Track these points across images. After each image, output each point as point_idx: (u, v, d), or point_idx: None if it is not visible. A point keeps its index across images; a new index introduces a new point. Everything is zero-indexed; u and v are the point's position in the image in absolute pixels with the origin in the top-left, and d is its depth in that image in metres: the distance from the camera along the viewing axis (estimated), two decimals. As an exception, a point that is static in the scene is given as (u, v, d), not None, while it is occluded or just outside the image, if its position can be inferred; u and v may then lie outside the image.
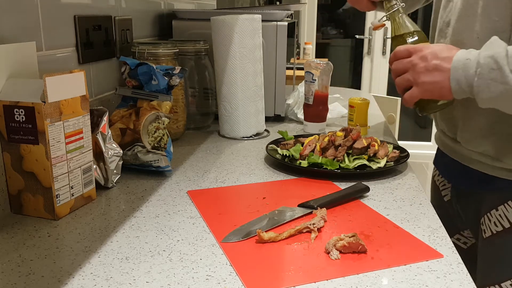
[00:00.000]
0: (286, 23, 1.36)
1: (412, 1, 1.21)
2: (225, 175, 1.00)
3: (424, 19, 3.79)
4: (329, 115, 1.40)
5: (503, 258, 0.96)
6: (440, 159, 1.13)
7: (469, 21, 0.91)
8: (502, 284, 0.94)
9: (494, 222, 0.95)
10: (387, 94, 3.95)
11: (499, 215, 0.95)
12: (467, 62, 0.82)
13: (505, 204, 0.93)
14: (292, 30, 1.49)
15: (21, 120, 0.75)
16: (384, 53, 4.19)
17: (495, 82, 0.77)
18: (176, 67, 1.07)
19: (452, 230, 1.10)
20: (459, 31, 0.93)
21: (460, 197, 1.06)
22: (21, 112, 0.75)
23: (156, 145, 0.99)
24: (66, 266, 0.64)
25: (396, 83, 0.93)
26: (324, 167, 0.99)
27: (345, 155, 1.03)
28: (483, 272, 1.00)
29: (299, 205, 0.83)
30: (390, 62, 0.95)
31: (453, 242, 0.75)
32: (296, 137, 1.16)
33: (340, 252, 0.67)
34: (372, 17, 4.16)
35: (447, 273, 0.63)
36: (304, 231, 0.74)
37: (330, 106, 1.45)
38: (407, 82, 0.90)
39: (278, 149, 1.11)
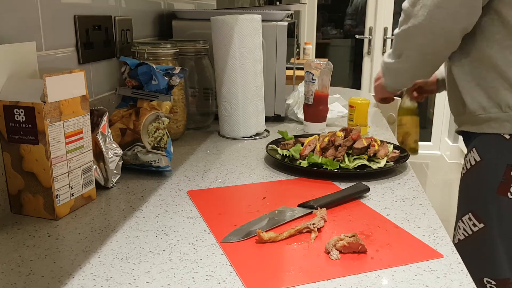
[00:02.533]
0: (286, 23, 1.36)
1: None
2: (225, 175, 1.00)
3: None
4: (329, 115, 1.40)
5: (464, 196, 1.21)
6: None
7: None
8: (463, 219, 1.17)
9: (466, 162, 1.19)
10: (387, 94, 3.94)
11: (467, 160, 1.18)
12: (381, 66, 1.34)
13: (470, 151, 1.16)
14: (292, 30, 1.49)
15: (21, 120, 0.75)
16: (384, 53, 4.20)
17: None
18: (176, 67, 1.07)
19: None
20: None
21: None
22: (21, 112, 0.75)
23: (156, 145, 0.99)
24: (66, 266, 0.64)
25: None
26: (324, 167, 0.99)
27: (345, 155, 1.03)
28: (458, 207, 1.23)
29: (299, 205, 0.83)
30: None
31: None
32: (296, 137, 1.16)
33: (340, 252, 0.67)
34: (372, 19, 4.17)
35: (447, 273, 0.63)
36: (304, 231, 0.74)
37: (330, 106, 1.45)
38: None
39: (278, 149, 1.11)
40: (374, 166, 1.01)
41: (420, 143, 1.41)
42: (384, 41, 4.19)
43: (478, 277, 1.11)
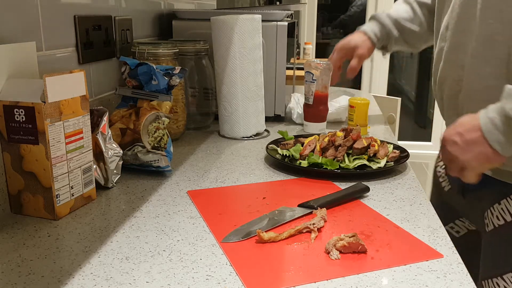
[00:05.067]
0: (286, 23, 1.36)
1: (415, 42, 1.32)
2: (225, 175, 1.00)
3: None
4: (337, 105, 1.38)
5: (505, 251, 0.96)
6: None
7: (467, 24, 0.93)
8: (504, 277, 0.94)
9: (497, 216, 0.96)
10: (387, 94, 3.95)
11: (501, 209, 0.95)
12: (494, 120, 0.82)
13: (507, 198, 0.94)
14: (292, 30, 1.49)
15: (21, 120, 0.75)
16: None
17: None
18: (176, 67, 1.07)
19: (446, 219, 1.13)
20: (457, 34, 0.95)
21: (464, 191, 1.07)
22: (21, 112, 0.75)
23: (156, 145, 0.99)
24: (66, 266, 0.64)
25: (452, 174, 0.93)
26: (324, 167, 0.99)
27: (345, 155, 1.03)
28: (486, 264, 1.01)
29: (299, 205, 0.83)
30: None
31: (446, 230, 0.77)
32: (296, 137, 1.16)
33: (340, 252, 0.67)
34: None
35: (447, 273, 0.63)
36: (304, 231, 0.74)
37: (339, 99, 1.44)
38: (457, 169, 0.90)
39: (278, 149, 1.11)
40: (374, 166, 1.01)
41: (420, 143, 1.40)
42: (384, 41, 4.18)
43: None
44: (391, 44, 1.34)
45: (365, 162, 1.02)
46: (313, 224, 0.74)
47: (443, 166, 1.16)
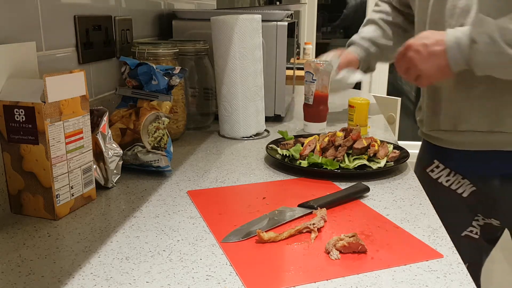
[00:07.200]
0: (286, 23, 1.36)
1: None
2: (225, 175, 1.00)
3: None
4: (340, 77, 1.37)
5: None
6: (446, 156, 1.18)
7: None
8: None
9: None
10: (387, 94, 3.95)
11: None
12: (459, 40, 0.94)
13: None
14: (292, 30, 1.49)
15: (21, 120, 0.75)
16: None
17: (491, 54, 0.91)
18: (176, 67, 1.07)
19: (464, 225, 1.19)
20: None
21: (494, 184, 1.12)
22: (21, 112, 0.75)
23: (156, 145, 0.99)
24: (66, 266, 0.64)
25: (405, 79, 1.08)
26: (324, 167, 0.99)
27: (345, 155, 1.03)
28: None
29: (299, 205, 0.83)
30: (395, 64, 1.09)
31: (466, 235, 0.79)
32: (296, 137, 1.16)
33: (340, 252, 0.67)
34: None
35: (447, 273, 0.63)
36: (304, 231, 0.74)
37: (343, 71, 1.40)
38: (413, 75, 1.04)
39: (278, 149, 1.11)
40: (374, 166, 1.01)
41: (420, 143, 1.40)
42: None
43: None
44: (374, 62, 1.42)
45: (365, 162, 1.02)
46: (313, 224, 0.74)
47: (452, 173, 1.21)
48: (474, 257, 1.21)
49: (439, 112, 1.16)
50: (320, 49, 4.45)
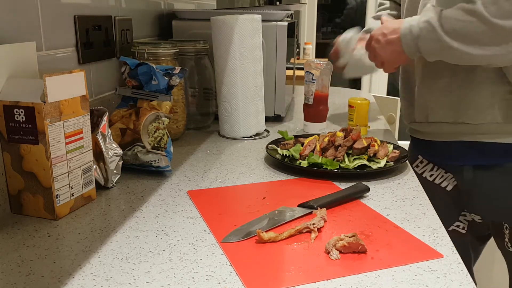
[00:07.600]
0: (286, 23, 1.36)
1: None
2: (225, 175, 1.00)
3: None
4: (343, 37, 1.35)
5: None
6: (425, 149, 1.23)
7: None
8: None
9: None
10: (387, 94, 3.95)
11: None
12: (411, 27, 1.02)
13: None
14: (292, 30, 1.49)
15: (21, 120, 0.75)
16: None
17: (433, 41, 0.99)
18: (176, 67, 1.07)
19: (450, 219, 1.22)
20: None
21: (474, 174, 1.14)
22: (21, 112, 0.75)
23: (156, 145, 0.99)
24: (66, 266, 0.64)
25: (376, 66, 1.20)
26: (324, 167, 0.99)
27: (345, 155, 1.03)
28: None
29: (299, 205, 0.83)
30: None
31: (453, 230, 0.80)
32: (296, 137, 1.16)
33: (340, 252, 0.67)
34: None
35: (447, 273, 0.63)
36: (304, 231, 0.74)
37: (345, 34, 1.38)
38: (379, 62, 1.15)
39: (278, 149, 1.11)
40: (374, 166, 1.01)
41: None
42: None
43: None
44: None
45: (365, 162, 1.02)
46: (313, 224, 0.74)
47: (436, 167, 1.23)
48: (461, 252, 1.21)
49: (413, 104, 1.21)
50: (320, 49, 4.45)
